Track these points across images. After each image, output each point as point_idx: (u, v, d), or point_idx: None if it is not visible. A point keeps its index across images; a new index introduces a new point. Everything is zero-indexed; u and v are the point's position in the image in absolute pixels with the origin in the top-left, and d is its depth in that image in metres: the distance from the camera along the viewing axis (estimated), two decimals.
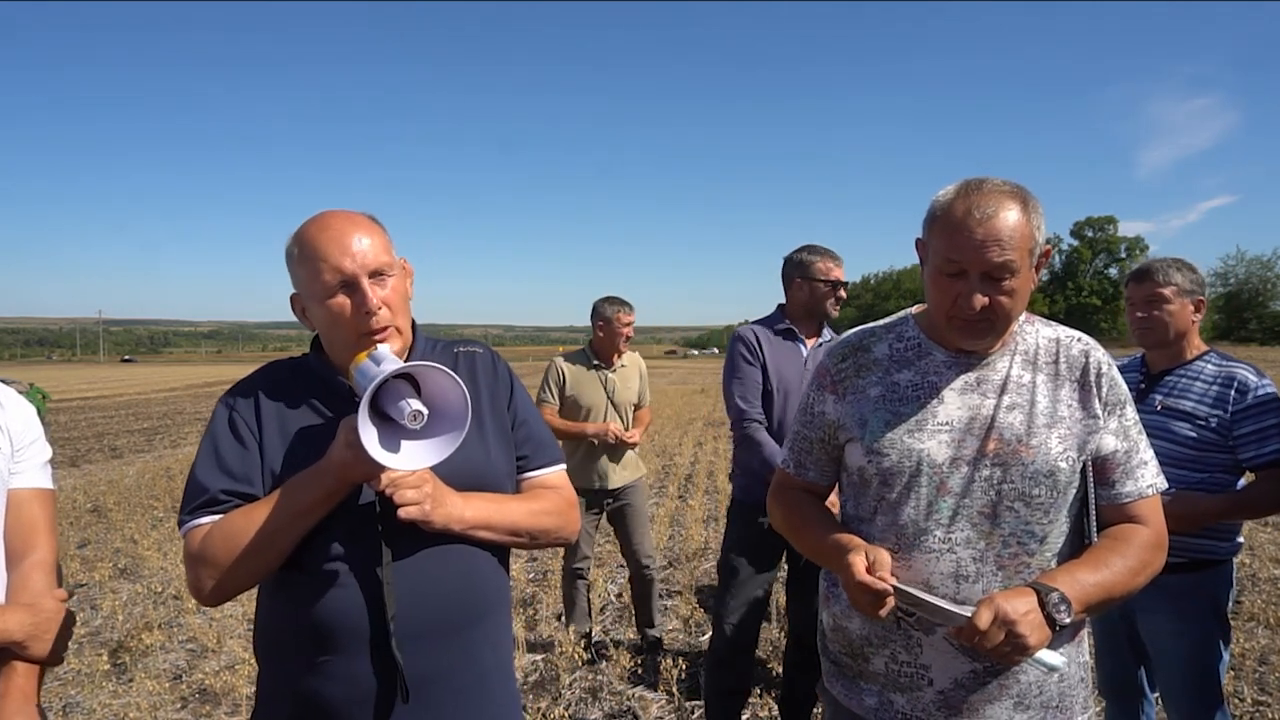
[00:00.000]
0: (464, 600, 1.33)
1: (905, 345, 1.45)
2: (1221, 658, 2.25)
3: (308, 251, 1.31)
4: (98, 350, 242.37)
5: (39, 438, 1.51)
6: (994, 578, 1.33)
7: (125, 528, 7.15)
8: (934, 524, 1.35)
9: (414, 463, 1.22)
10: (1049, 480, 1.33)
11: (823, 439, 1.52)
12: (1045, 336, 1.43)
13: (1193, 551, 2.22)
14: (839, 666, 1.52)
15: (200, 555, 1.26)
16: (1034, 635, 1.19)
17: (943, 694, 1.37)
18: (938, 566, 1.34)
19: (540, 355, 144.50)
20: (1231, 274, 73.23)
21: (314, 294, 1.32)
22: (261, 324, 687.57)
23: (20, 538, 1.43)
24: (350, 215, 1.36)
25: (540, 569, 5.59)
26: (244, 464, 1.31)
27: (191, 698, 3.67)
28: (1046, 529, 1.35)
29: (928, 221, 1.36)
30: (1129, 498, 1.38)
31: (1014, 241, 1.26)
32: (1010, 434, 1.34)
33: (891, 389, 1.42)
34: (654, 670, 3.68)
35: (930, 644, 1.37)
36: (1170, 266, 2.31)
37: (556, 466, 1.52)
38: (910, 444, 1.37)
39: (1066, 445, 1.34)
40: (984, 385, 1.38)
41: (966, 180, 1.34)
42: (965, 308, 1.30)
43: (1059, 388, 1.38)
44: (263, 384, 1.38)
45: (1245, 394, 2.17)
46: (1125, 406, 1.40)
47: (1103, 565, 1.30)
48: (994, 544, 1.34)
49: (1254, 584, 5.00)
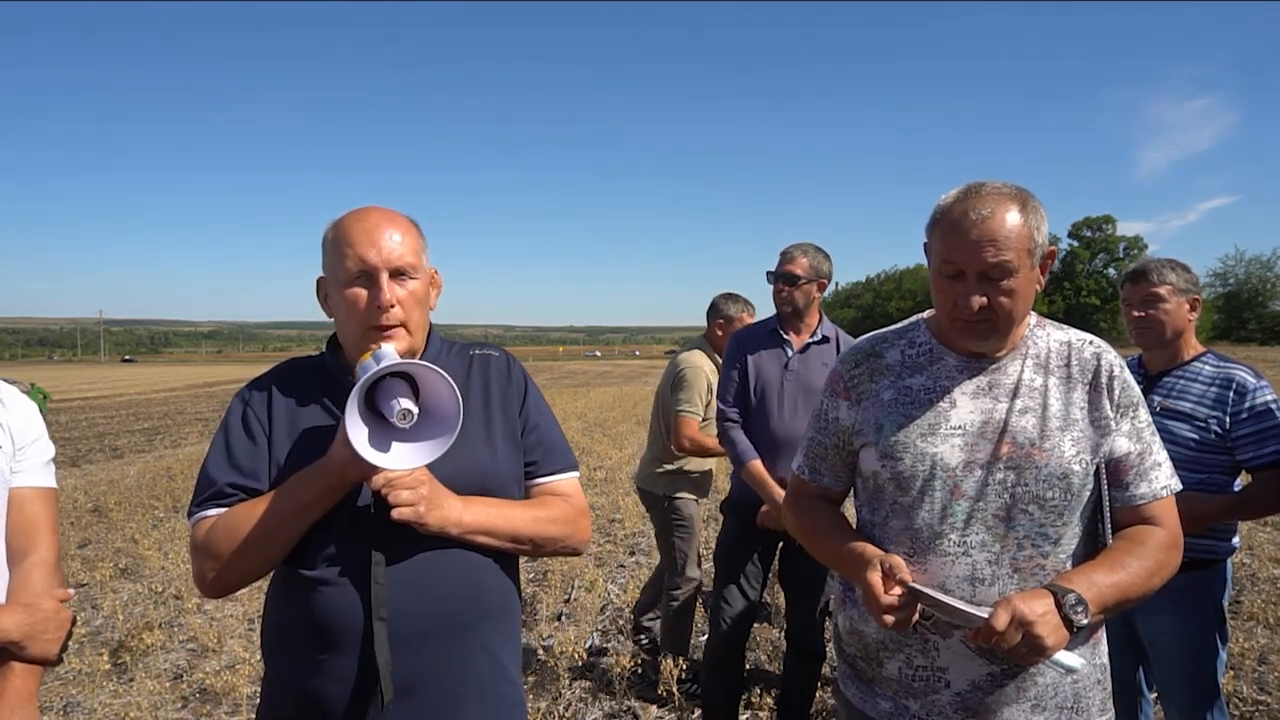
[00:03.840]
0: (459, 605, 1.31)
1: (917, 351, 1.46)
2: (1219, 656, 2.26)
3: (340, 237, 1.34)
4: (98, 350, 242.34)
5: (41, 436, 1.51)
6: (1009, 580, 1.33)
7: (126, 528, 7.15)
8: (949, 527, 1.35)
9: (402, 462, 1.22)
10: (1063, 483, 1.33)
11: (837, 445, 1.52)
12: (1057, 340, 1.43)
13: (1191, 551, 2.22)
14: (854, 670, 1.52)
15: (204, 546, 1.28)
16: (1052, 637, 1.19)
17: (960, 696, 1.37)
18: (953, 570, 1.34)
19: (540, 355, 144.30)
20: (1231, 274, 73.16)
21: (336, 279, 1.35)
22: (261, 324, 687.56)
23: (22, 537, 1.43)
24: (389, 213, 1.38)
25: (540, 569, 5.59)
26: (252, 459, 1.32)
27: (192, 698, 3.68)
28: (1061, 531, 1.35)
29: (930, 225, 1.38)
30: (1144, 499, 1.38)
31: (1010, 242, 1.27)
32: (1023, 437, 1.34)
33: (904, 393, 1.43)
34: (654, 670, 3.68)
35: (947, 647, 1.37)
36: (1165, 266, 2.32)
37: (568, 473, 1.49)
38: (924, 448, 1.37)
39: (1080, 448, 1.34)
40: (996, 389, 1.39)
41: (968, 183, 1.36)
42: (964, 308, 1.31)
43: (1071, 391, 1.38)
44: (278, 381, 1.40)
45: (1244, 395, 2.17)
46: (1138, 408, 1.40)
47: (1119, 567, 1.30)
48: (1009, 547, 1.34)
49: (1254, 584, 5.00)
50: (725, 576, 2.94)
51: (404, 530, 1.25)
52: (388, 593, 1.25)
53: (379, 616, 1.24)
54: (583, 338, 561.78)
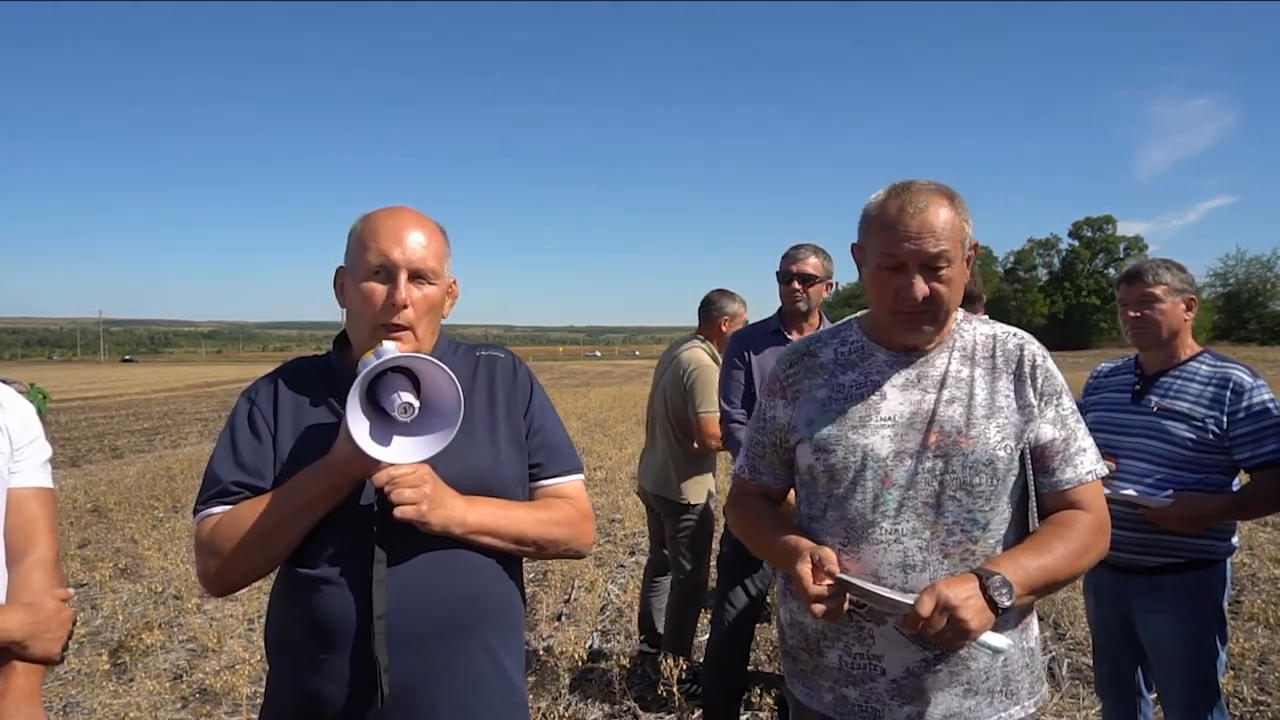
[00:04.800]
0: (459, 606, 1.31)
1: (849, 348, 1.52)
2: (1219, 656, 2.26)
3: (367, 229, 1.36)
4: (98, 350, 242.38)
5: (38, 437, 1.51)
6: (940, 566, 1.38)
7: (125, 528, 7.15)
8: (880, 516, 1.40)
9: (402, 456, 1.22)
10: (988, 469, 1.38)
11: (774, 443, 1.57)
12: (983, 333, 1.49)
13: (1191, 551, 2.23)
14: (797, 663, 1.56)
15: (208, 543, 1.29)
16: (976, 620, 1.23)
17: (896, 683, 1.41)
18: (885, 557, 1.39)
19: (540, 355, 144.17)
20: (1231, 274, 73.21)
21: (355, 271, 1.36)
22: (261, 324, 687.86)
23: (20, 537, 1.44)
24: (420, 216, 1.39)
25: (540, 569, 5.59)
26: (257, 457, 1.33)
27: (192, 698, 3.68)
28: (989, 516, 1.40)
29: (863, 224, 1.44)
30: (1069, 484, 1.43)
31: (946, 233, 1.35)
32: (950, 426, 1.40)
33: (837, 390, 1.48)
34: (654, 670, 3.68)
35: (882, 634, 1.41)
36: (1160, 266, 2.32)
37: (573, 476, 1.49)
38: (855, 440, 1.42)
39: (1004, 434, 1.40)
40: (924, 381, 1.44)
41: (894, 183, 1.42)
42: (908, 299, 1.36)
43: (996, 380, 1.44)
44: (284, 379, 1.40)
45: (1241, 394, 2.17)
46: (1061, 396, 1.46)
47: (1045, 550, 1.35)
48: (939, 533, 1.39)
49: (1254, 584, 5.00)
50: (728, 577, 2.94)
51: (406, 530, 1.25)
52: (388, 593, 1.25)
53: (379, 616, 1.24)
54: (583, 338, 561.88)
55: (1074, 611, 4.39)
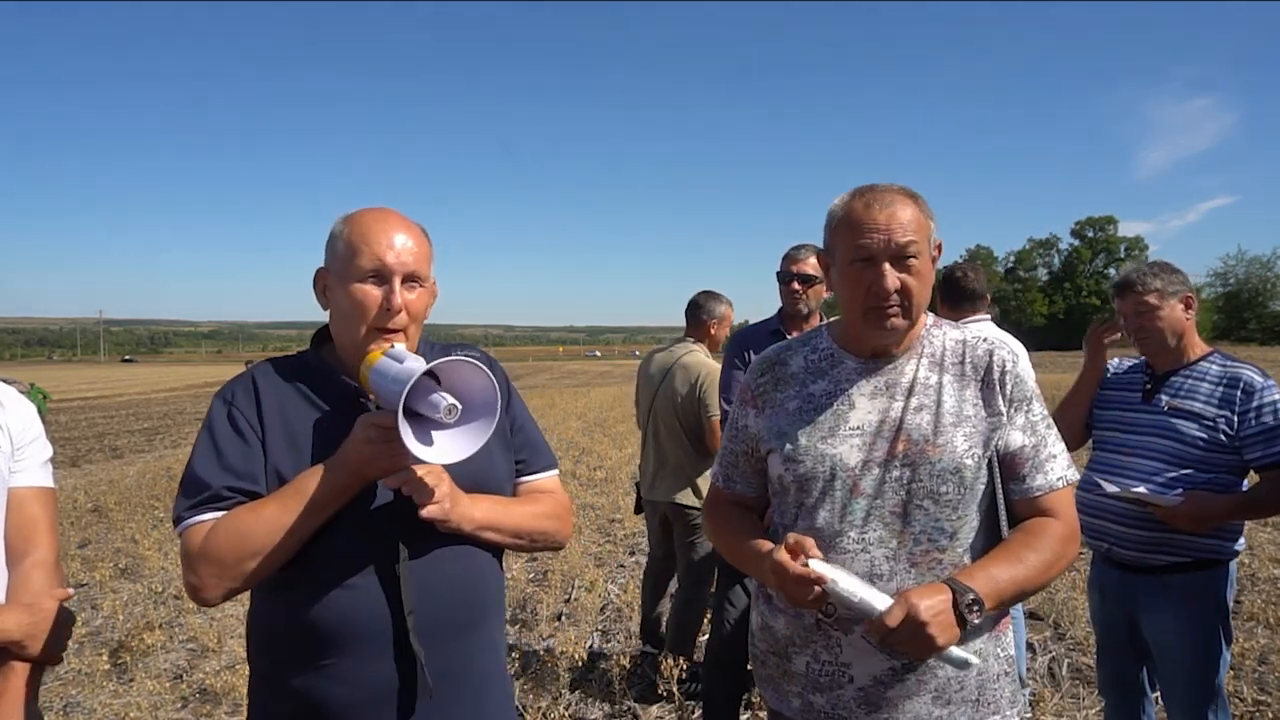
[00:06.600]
0: (468, 600, 1.35)
1: (819, 356, 1.52)
2: (1223, 657, 2.26)
3: (356, 232, 1.34)
4: (98, 350, 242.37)
5: (39, 436, 1.51)
6: (907, 575, 1.37)
7: (126, 528, 7.16)
8: (848, 525, 1.39)
9: (445, 456, 1.23)
10: (955, 477, 1.37)
11: (747, 452, 1.57)
12: (952, 339, 1.48)
13: (1197, 551, 2.22)
14: (765, 667, 1.56)
15: (204, 553, 1.23)
16: (942, 636, 1.22)
17: (863, 691, 1.40)
18: (853, 566, 1.37)
19: (540, 355, 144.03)
20: (1231, 274, 73.21)
21: (345, 274, 1.33)
22: (261, 324, 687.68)
23: (21, 537, 1.43)
24: (406, 219, 1.40)
25: (540, 569, 5.59)
26: (247, 461, 1.29)
27: (192, 698, 3.68)
28: (957, 525, 1.39)
29: (830, 226, 1.45)
30: (1040, 491, 1.41)
31: (913, 227, 1.36)
32: (918, 434, 1.39)
33: (808, 400, 1.48)
34: (654, 670, 3.68)
35: (849, 643, 1.40)
36: (1148, 274, 2.31)
37: (551, 471, 1.55)
38: (823, 450, 1.42)
39: (972, 442, 1.39)
40: (893, 388, 1.44)
41: (857, 186, 1.44)
42: (879, 293, 1.36)
43: (965, 387, 1.43)
44: (262, 381, 1.37)
45: (1251, 395, 2.17)
46: (1032, 403, 1.45)
47: (1017, 561, 1.34)
48: (905, 542, 1.38)
49: (1254, 584, 5.00)
50: (729, 577, 2.93)
51: (421, 528, 1.26)
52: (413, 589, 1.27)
53: (409, 611, 1.25)
54: (583, 338, 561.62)
55: (1074, 611, 4.38)
